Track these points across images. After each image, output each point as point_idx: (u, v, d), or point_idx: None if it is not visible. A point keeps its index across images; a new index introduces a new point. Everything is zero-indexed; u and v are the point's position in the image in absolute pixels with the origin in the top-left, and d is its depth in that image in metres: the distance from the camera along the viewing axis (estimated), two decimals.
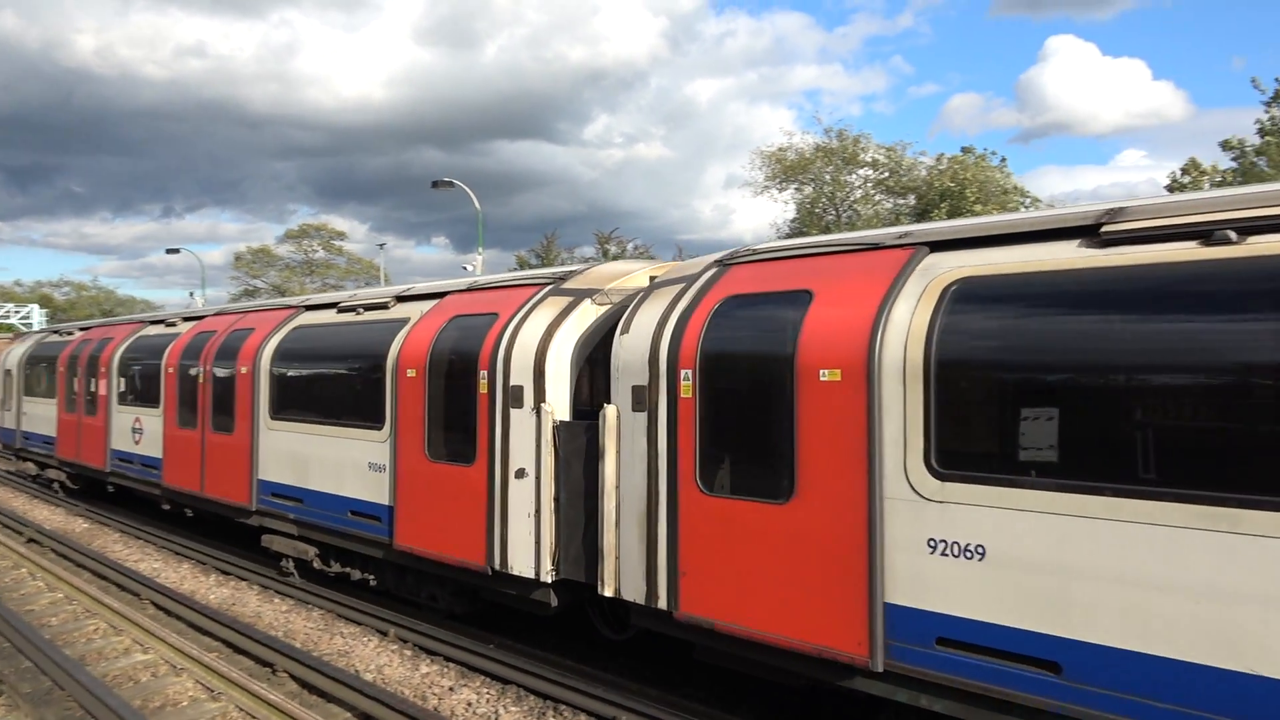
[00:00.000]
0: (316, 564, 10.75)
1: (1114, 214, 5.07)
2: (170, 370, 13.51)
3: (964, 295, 5.36)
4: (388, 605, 9.99)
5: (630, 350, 6.98)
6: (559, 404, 7.72)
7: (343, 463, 9.91)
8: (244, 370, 11.63)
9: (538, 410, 7.71)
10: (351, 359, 10.43)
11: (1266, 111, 29.23)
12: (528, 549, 7.75)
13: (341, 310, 10.90)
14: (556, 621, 8.96)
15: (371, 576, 10.15)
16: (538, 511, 7.67)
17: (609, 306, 8.00)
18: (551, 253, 50.76)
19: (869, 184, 43.29)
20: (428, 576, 9.32)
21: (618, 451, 7.06)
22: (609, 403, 7.14)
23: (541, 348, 7.78)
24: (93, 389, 16.42)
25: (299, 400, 10.99)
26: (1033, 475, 4.90)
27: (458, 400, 8.58)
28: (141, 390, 14.72)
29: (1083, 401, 4.89)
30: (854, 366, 5.55)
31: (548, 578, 7.63)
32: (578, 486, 7.48)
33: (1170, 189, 30.82)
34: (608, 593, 7.11)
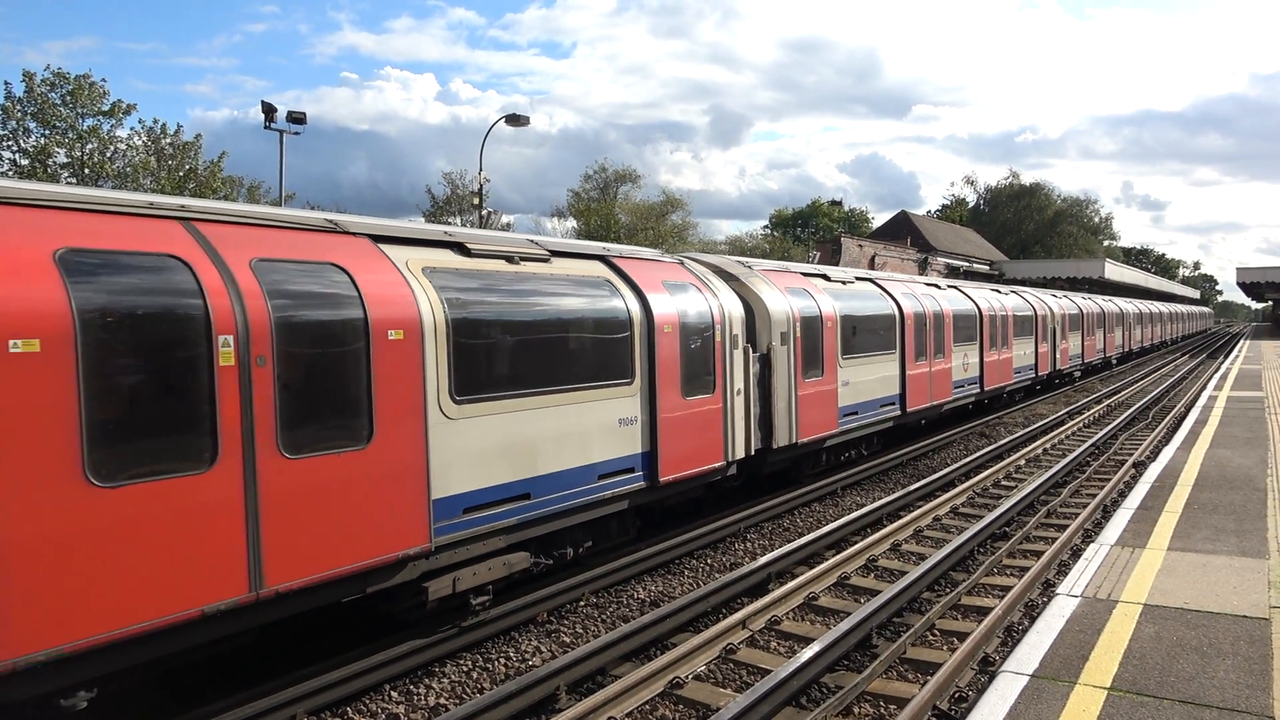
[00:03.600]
0: None
1: None
2: None
3: None
4: None
5: (776, 312, 12.84)
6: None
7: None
8: None
9: (745, 350, 11.95)
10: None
11: None
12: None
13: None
14: None
15: None
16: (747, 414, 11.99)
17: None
18: None
19: None
20: None
21: (776, 367, 12.75)
22: (776, 342, 12.66)
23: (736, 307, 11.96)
24: None
25: None
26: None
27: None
28: None
29: None
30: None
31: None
32: (756, 393, 12.36)
33: None
34: (779, 444, 12.68)
